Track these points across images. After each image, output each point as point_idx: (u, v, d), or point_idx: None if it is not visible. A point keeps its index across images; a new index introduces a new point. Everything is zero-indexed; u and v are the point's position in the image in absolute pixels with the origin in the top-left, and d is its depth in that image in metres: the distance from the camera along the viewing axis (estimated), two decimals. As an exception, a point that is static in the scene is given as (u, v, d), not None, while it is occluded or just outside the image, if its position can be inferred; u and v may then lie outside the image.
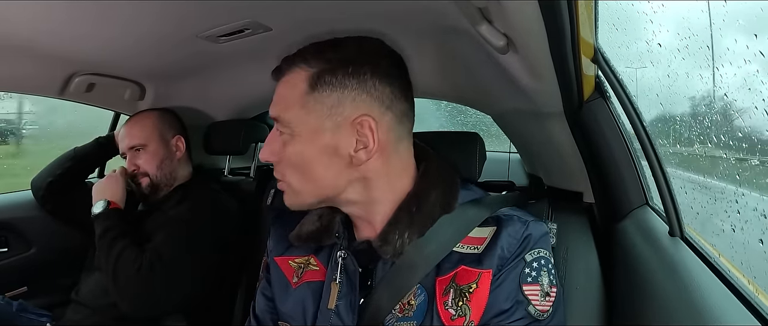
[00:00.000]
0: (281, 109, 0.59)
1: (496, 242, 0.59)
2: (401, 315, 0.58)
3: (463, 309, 0.56)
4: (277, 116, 0.59)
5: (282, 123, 0.58)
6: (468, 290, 0.57)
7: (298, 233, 0.67)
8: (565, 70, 0.62)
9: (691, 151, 1.20)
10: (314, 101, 0.57)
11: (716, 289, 0.54)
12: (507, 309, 0.56)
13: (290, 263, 0.68)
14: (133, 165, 1.14)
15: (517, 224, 0.60)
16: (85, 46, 0.92)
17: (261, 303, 0.70)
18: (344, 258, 0.62)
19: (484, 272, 0.57)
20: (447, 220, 0.61)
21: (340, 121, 0.57)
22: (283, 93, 0.60)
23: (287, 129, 0.58)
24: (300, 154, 0.58)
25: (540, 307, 0.57)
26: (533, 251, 0.59)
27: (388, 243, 0.59)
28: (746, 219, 0.80)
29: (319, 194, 0.60)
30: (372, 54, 0.60)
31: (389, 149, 0.60)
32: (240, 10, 0.75)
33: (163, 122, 1.20)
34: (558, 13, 0.47)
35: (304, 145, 0.57)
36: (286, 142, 0.58)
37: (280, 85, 0.60)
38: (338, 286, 0.61)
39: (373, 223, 0.62)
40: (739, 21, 0.81)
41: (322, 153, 0.57)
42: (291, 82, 0.59)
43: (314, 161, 0.58)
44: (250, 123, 1.41)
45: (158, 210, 1.12)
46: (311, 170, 0.58)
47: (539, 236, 0.60)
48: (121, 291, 0.95)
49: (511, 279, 0.57)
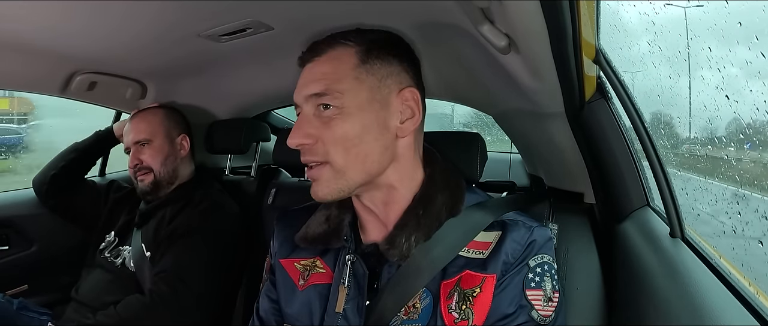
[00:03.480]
0: (331, 81, 0.57)
1: (501, 247, 0.59)
2: (406, 318, 0.58)
3: (466, 312, 0.56)
4: (324, 90, 0.57)
5: (332, 96, 0.57)
6: (472, 294, 0.57)
7: (304, 234, 0.67)
8: (566, 70, 0.62)
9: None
10: (366, 73, 0.59)
11: (717, 290, 0.54)
12: (510, 313, 0.56)
13: (296, 265, 0.68)
14: (137, 160, 1.14)
15: (521, 229, 0.60)
16: (87, 44, 0.92)
17: (265, 305, 0.70)
18: (353, 261, 0.62)
19: (488, 277, 0.57)
20: (453, 224, 0.61)
21: (387, 94, 0.59)
22: (326, 69, 0.59)
23: (337, 102, 0.57)
24: (350, 128, 0.57)
25: (543, 312, 0.57)
26: (537, 256, 0.59)
27: (394, 246, 0.59)
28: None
29: (366, 171, 0.59)
30: (401, 40, 0.65)
31: (419, 128, 0.63)
32: (242, 10, 0.75)
33: (170, 120, 1.21)
34: (560, 13, 0.47)
35: (355, 118, 0.57)
36: (332, 118, 0.57)
37: (317, 64, 0.60)
38: (347, 289, 0.61)
39: (386, 222, 0.62)
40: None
41: (372, 125, 0.58)
42: (337, 57, 0.59)
43: (365, 134, 0.57)
44: (252, 122, 1.41)
45: (160, 211, 1.12)
46: (361, 144, 0.57)
47: (543, 242, 0.60)
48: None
49: (514, 284, 0.57)
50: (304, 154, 0.59)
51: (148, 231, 1.10)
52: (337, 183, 0.58)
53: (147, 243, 1.08)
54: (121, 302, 0.98)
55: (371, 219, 0.64)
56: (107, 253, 1.13)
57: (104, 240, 1.16)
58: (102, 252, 1.14)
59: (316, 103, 0.58)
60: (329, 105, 0.57)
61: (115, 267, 1.10)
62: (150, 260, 1.05)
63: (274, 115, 1.67)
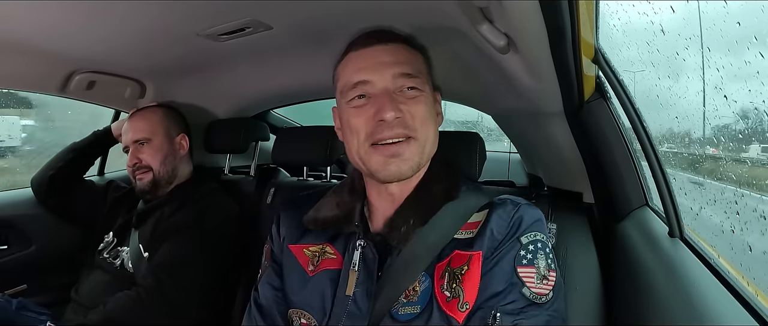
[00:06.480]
0: (417, 67, 0.64)
1: (487, 225, 0.61)
2: (406, 301, 0.60)
3: (456, 291, 0.58)
4: (414, 72, 0.63)
5: (421, 79, 0.63)
6: (460, 272, 0.58)
7: (314, 217, 0.69)
8: (565, 70, 0.62)
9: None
10: (428, 73, 0.67)
11: (715, 290, 0.54)
12: (500, 290, 0.56)
13: (305, 251, 0.68)
14: (136, 159, 1.14)
15: (508, 206, 0.62)
16: (86, 43, 0.92)
17: (267, 292, 0.69)
18: (364, 247, 0.63)
19: (474, 254, 0.59)
20: (450, 208, 0.63)
21: (432, 93, 0.67)
22: (408, 54, 0.64)
23: (421, 85, 0.63)
24: (428, 109, 0.64)
25: (536, 290, 0.56)
26: (529, 234, 0.59)
27: (394, 228, 0.62)
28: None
29: (431, 152, 0.65)
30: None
31: None
32: (241, 9, 0.75)
33: (169, 119, 1.21)
34: (559, 13, 0.47)
35: (428, 104, 0.64)
36: (415, 97, 0.62)
37: (397, 49, 0.64)
38: (357, 274, 0.63)
39: (395, 207, 0.65)
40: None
41: (433, 116, 0.66)
42: (411, 50, 0.65)
43: (431, 121, 0.64)
44: (251, 121, 1.41)
45: (158, 211, 1.12)
46: (431, 128, 0.64)
47: (532, 220, 0.61)
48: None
49: (506, 261, 0.58)
50: (392, 127, 0.61)
51: (146, 232, 1.10)
52: (418, 158, 0.62)
53: (145, 244, 1.08)
54: (111, 299, 0.97)
55: (383, 207, 0.67)
56: (106, 254, 1.13)
57: (103, 241, 1.16)
58: (101, 253, 1.14)
59: (404, 83, 0.62)
60: (413, 87, 0.62)
61: (114, 268, 1.10)
62: (147, 260, 1.05)
63: (272, 115, 1.67)
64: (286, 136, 1.27)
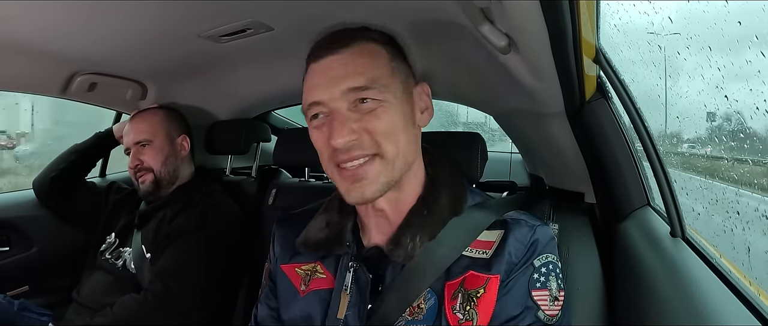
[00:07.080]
0: (371, 76, 0.56)
1: (504, 247, 0.58)
2: (411, 318, 0.58)
3: (470, 313, 0.56)
4: (368, 83, 0.55)
5: (377, 90, 0.55)
6: (476, 295, 0.57)
7: (305, 240, 0.67)
8: (566, 70, 0.62)
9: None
10: (397, 69, 0.59)
11: (717, 290, 0.54)
12: (516, 314, 0.56)
13: (297, 270, 0.67)
14: (137, 160, 1.14)
15: (524, 228, 0.60)
16: (86, 44, 0.92)
17: (263, 312, 0.70)
18: (356, 268, 0.62)
19: (492, 277, 0.57)
20: (456, 223, 0.61)
21: (410, 89, 0.61)
22: (362, 61, 0.56)
23: (379, 95, 0.56)
24: (395, 118, 0.56)
25: (549, 312, 0.56)
26: (542, 256, 0.58)
27: (399, 246, 0.59)
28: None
29: (407, 163, 0.59)
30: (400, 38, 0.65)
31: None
32: (242, 10, 0.75)
33: (170, 120, 1.21)
34: (559, 13, 0.47)
35: (396, 110, 0.57)
36: (374, 109, 0.55)
37: (348, 56, 0.57)
38: (349, 296, 0.61)
39: (393, 223, 0.62)
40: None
41: (408, 117, 0.59)
42: (369, 51, 0.58)
43: (405, 125, 0.58)
44: (252, 123, 1.41)
45: (161, 212, 1.12)
46: (403, 135, 0.57)
47: (547, 241, 0.60)
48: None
49: (520, 285, 0.57)
50: (350, 150, 0.55)
51: (148, 233, 1.10)
52: (386, 177, 0.57)
53: (147, 245, 1.08)
54: (117, 302, 0.98)
55: (376, 222, 0.63)
56: (108, 255, 1.13)
57: (105, 242, 1.16)
58: (103, 254, 1.14)
59: (355, 98, 0.55)
60: (368, 99, 0.55)
61: (115, 268, 1.10)
62: (150, 261, 1.05)
63: (274, 116, 1.67)
64: (287, 137, 1.27)
